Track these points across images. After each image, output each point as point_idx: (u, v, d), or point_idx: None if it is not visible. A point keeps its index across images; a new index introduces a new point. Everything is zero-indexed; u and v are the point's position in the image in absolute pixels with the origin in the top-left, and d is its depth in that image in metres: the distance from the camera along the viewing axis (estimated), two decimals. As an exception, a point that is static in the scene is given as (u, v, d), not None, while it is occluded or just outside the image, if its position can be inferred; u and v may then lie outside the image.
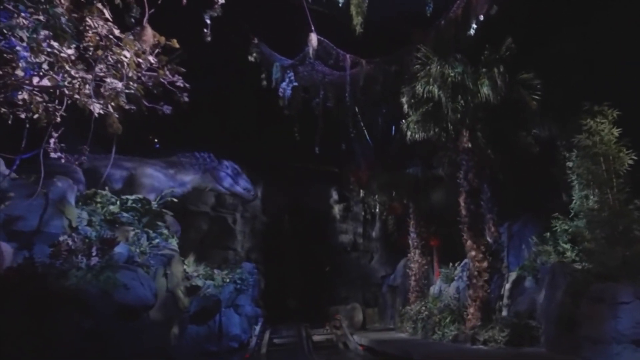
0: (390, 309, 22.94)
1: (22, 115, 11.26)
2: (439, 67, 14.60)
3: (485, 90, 14.10)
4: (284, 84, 17.30)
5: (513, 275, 14.69)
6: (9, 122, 11.33)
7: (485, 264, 14.25)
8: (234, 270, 18.57)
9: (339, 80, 17.87)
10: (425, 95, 14.72)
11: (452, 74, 14.47)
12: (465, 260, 16.24)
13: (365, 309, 23.35)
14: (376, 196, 22.14)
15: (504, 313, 14.19)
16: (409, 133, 15.58)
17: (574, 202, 12.24)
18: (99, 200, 14.84)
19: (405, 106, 15.49)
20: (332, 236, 27.99)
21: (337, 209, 28.27)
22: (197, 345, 15.36)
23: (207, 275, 16.82)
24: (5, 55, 10.28)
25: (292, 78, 17.29)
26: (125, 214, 14.93)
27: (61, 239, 11.46)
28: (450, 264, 18.63)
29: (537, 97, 14.01)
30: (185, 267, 16.60)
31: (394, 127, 21.29)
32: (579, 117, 11.76)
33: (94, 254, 11.13)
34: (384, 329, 20.92)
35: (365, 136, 21.98)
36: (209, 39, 12.39)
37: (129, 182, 18.10)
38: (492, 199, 16.71)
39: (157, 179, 18.98)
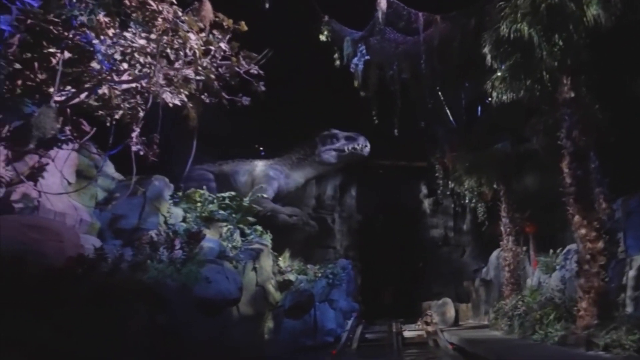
0: (484, 304, 19.76)
1: (117, 116, 10.30)
2: None
3: (593, 10, 9.72)
4: (355, 59, 14.53)
5: (639, 260, 10.54)
6: (107, 123, 10.43)
7: (600, 245, 10.13)
8: (326, 265, 16.57)
9: (413, 49, 14.57)
10: (512, 36, 10.58)
11: None
12: (569, 247, 12.76)
13: (458, 304, 20.30)
14: (465, 183, 17.82)
15: (630, 309, 10.19)
16: (494, 95, 11.71)
17: None
18: (198, 199, 13.73)
19: (489, 57, 11.33)
20: (423, 231, 25.40)
21: (427, 204, 25.63)
22: (293, 340, 13.69)
23: (301, 270, 15.09)
24: (85, 52, 9.25)
25: (364, 51, 14.43)
26: (221, 212, 13.75)
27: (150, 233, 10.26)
28: (551, 251, 14.64)
29: None
30: (280, 261, 15.24)
31: (477, 103, 17.72)
32: None
33: (177, 247, 9.65)
34: (477, 325, 17.82)
35: (447, 115, 18.22)
36: (267, 5, 10.50)
37: (250, 182, 17.61)
38: (602, 168, 11.89)
39: (276, 178, 18.29)
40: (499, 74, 11.57)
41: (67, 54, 8.73)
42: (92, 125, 9.95)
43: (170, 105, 9.38)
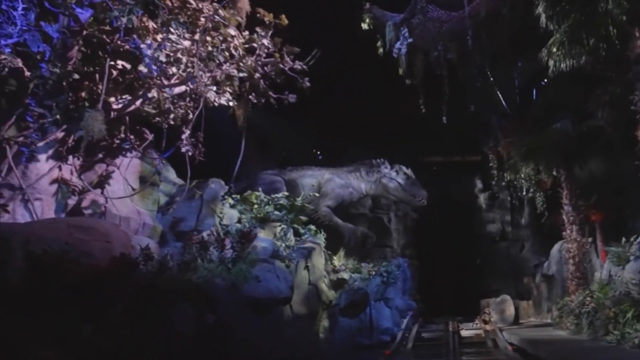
0: (545, 301, 18.20)
1: (172, 121, 10.13)
2: None
3: None
4: (398, 44, 12.98)
5: None
6: (165, 130, 10.33)
7: None
8: (380, 263, 15.70)
9: (458, 27, 12.79)
10: None
11: None
12: (646, 235, 10.93)
13: (518, 301, 18.75)
14: (521, 171, 15.66)
15: None
16: (551, 63, 9.95)
17: None
18: (254, 200, 13.25)
19: (543, 19, 9.45)
20: (479, 227, 23.87)
21: (482, 198, 24.04)
22: (349, 338, 13.08)
23: (355, 268, 14.36)
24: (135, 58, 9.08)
25: (406, 34, 12.84)
26: (276, 212, 13.24)
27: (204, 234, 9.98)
28: (623, 240, 12.19)
29: None
30: (335, 260, 14.52)
31: (532, 84, 15.41)
32: None
33: (227, 246, 9.19)
34: (539, 324, 16.25)
35: (499, 98, 15.88)
36: None
37: (317, 189, 17.24)
38: None
39: (340, 187, 17.84)
40: (556, 37, 9.80)
41: (119, 62, 8.64)
42: (151, 133, 9.92)
43: (216, 104, 9.01)
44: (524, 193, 17.76)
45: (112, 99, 8.98)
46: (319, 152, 23.72)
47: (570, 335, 11.79)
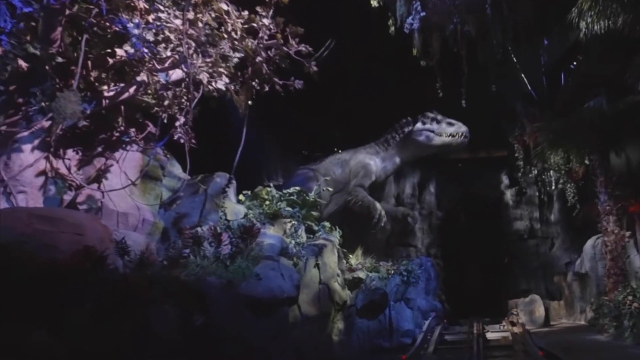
0: (578, 301, 16.72)
1: (170, 110, 9.34)
2: None
3: None
4: (409, 19, 11.52)
5: None
6: (164, 120, 9.58)
7: None
8: (399, 262, 14.47)
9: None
10: None
11: None
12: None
13: (548, 302, 17.25)
14: (550, 159, 13.83)
15: None
16: (582, 25, 8.71)
17: None
18: (265, 196, 12.37)
19: None
20: (506, 224, 22.26)
21: (509, 195, 22.44)
22: (367, 341, 11.99)
23: (372, 267, 13.21)
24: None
25: (419, 8, 11.37)
26: (288, 208, 12.31)
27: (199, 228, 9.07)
28: None
29: None
30: (352, 259, 13.46)
31: (560, 64, 13.62)
32: None
33: (225, 242, 8.22)
34: (572, 326, 14.82)
35: (524, 82, 14.26)
36: None
37: (347, 172, 16.43)
38: None
39: (371, 164, 16.82)
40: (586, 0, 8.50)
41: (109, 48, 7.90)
42: (155, 126, 9.23)
43: (211, 87, 8.10)
44: (553, 187, 16.23)
45: (105, 87, 8.24)
46: (339, 151, 22.77)
47: (609, 340, 10.45)
